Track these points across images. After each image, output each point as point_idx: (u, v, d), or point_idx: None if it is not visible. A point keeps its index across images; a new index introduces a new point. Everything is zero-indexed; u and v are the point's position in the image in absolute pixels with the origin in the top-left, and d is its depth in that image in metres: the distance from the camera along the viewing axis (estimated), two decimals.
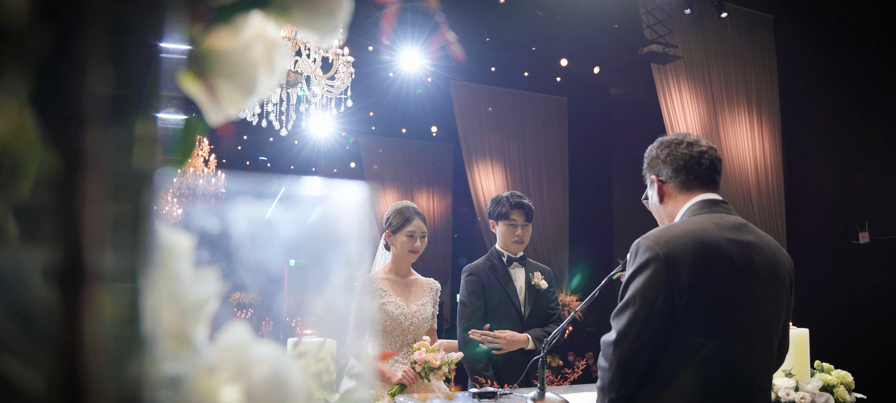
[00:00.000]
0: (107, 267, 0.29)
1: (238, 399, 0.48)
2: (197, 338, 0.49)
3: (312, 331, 0.51)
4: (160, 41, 0.33)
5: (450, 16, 7.38)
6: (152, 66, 0.32)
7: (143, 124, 0.32)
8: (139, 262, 0.32)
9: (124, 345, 0.31)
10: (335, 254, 0.46)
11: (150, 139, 0.33)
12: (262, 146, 12.37)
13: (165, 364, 0.47)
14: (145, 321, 0.33)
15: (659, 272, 1.89)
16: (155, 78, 0.33)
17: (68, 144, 0.27)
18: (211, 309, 0.51)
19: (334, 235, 0.45)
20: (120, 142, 0.30)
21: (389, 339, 3.27)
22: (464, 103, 9.11)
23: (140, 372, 0.32)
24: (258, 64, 0.56)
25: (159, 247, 0.48)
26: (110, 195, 0.29)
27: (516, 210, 3.62)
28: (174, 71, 0.39)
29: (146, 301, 0.34)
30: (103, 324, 0.29)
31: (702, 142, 2.19)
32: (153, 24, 0.32)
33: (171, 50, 0.35)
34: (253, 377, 0.48)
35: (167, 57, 0.34)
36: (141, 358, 0.32)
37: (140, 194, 0.33)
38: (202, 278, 0.50)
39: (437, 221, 11.80)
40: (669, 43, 6.68)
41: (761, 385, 2.01)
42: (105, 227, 0.29)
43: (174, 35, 0.35)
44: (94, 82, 0.28)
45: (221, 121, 0.57)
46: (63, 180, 0.27)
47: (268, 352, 0.50)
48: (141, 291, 0.33)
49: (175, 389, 0.47)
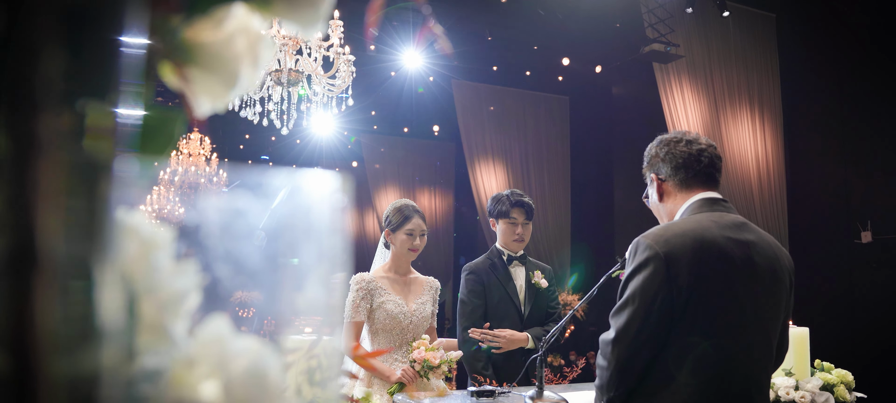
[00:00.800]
0: (59, 255, 0.29)
1: (216, 393, 0.47)
2: (175, 331, 0.48)
3: (310, 329, 0.50)
4: (120, 29, 0.33)
5: (451, 15, 7.38)
6: (110, 53, 0.32)
7: (100, 112, 0.32)
8: (94, 251, 0.32)
9: (76, 336, 0.30)
10: (307, 247, 0.46)
11: (108, 127, 0.33)
12: (264, 145, 12.38)
13: (143, 357, 0.46)
14: (101, 311, 0.33)
15: (658, 270, 1.88)
16: (113, 66, 0.32)
17: (20, 129, 0.27)
18: (191, 303, 0.51)
19: (306, 227, 0.45)
20: (74, 129, 0.30)
21: (389, 338, 3.26)
22: (466, 102, 9.11)
23: (94, 363, 0.32)
24: (241, 57, 0.56)
25: (137, 239, 0.47)
26: (63, 182, 0.29)
27: (517, 208, 3.61)
28: (138, 60, 0.38)
29: (102, 291, 0.33)
30: (53, 313, 0.28)
31: (701, 139, 2.18)
32: (111, 11, 0.31)
33: (134, 38, 0.35)
34: (232, 370, 0.48)
35: (129, 45, 0.34)
36: (95, 349, 0.32)
37: (96, 182, 0.32)
38: (181, 271, 0.49)
39: (439, 220, 11.80)
40: (671, 42, 6.67)
41: (760, 384, 2.00)
42: (57, 215, 0.29)
43: (137, 23, 0.34)
44: (47, 67, 0.27)
45: (205, 113, 0.57)
46: (13, 165, 0.27)
47: (247, 346, 0.49)
48: (95, 280, 0.32)
49: (153, 382, 0.47)
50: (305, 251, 0.45)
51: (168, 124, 0.47)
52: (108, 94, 0.33)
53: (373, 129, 11.45)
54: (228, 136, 11.39)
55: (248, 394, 0.48)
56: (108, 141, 0.33)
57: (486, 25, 7.86)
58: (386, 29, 7.39)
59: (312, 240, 0.45)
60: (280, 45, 5.05)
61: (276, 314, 0.48)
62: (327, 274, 0.46)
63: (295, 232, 0.45)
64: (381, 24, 7.07)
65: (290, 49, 5.07)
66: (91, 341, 0.32)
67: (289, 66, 5.10)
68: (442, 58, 8.04)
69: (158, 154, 0.47)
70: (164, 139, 0.48)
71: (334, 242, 0.45)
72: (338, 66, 5.22)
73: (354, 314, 3.22)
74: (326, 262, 0.46)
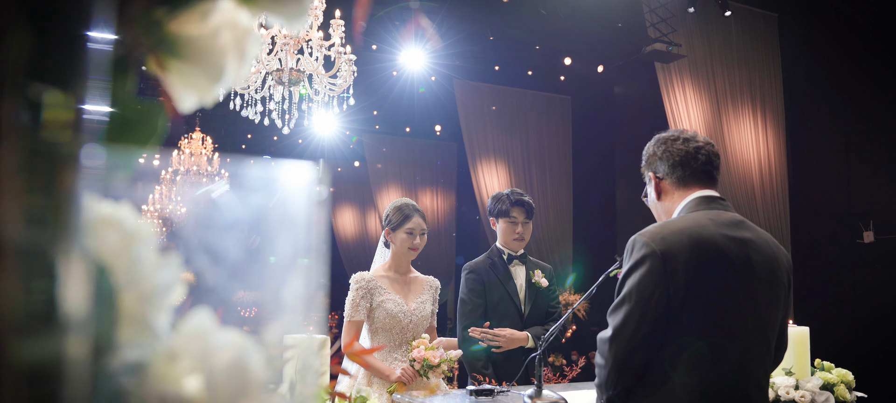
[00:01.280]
0: (19, 243, 0.28)
1: (198, 387, 0.47)
2: (158, 324, 0.48)
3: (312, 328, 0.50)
4: (86, 19, 0.32)
5: (453, 15, 7.38)
6: (75, 43, 0.32)
7: (62, 102, 0.32)
8: (56, 240, 0.32)
9: (36, 324, 0.30)
10: (284, 238, 0.45)
11: (70, 117, 0.32)
12: (267, 144, 12.37)
13: (125, 350, 0.46)
14: (64, 301, 0.33)
15: (655, 268, 1.88)
16: (78, 55, 0.32)
17: None
18: (175, 296, 0.51)
19: (283, 219, 0.45)
20: (35, 118, 0.29)
21: (388, 337, 3.26)
22: (467, 102, 9.11)
23: (55, 352, 0.31)
24: (226, 51, 0.56)
25: (119, 232, 0.47)
26: (24, 170, 0.29)
27: (517, 207, 3.61)
28: (106, 51, 0.38)
29: (67, 280, 0.33)
30: (12, 301, 0.28)
31: (699, 137, 2.17)
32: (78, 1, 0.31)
33: (104, 29, 0.34)
34: (214, 364, 0.48)
35: (98, 36, 0.34)
36: (56, 338, 0.31)
37: (59, 172, 0.32)
38: (164, 264, 0.49)
39: (441, 220, 11.79)
40: (673, 41, 6.66)
41: (759, 383, 2.00)
42: (17, 203, 0.28)
43: (107, 14, 0.34)
44: (9, 54, 0.27)
45: (190, 107, 0.57)
46: None
47: (230, 339, 0.49)
48: (58, 270, 0.32)
49: (135, 375, 0.47)
50: (283, 243, 0.45)
51: (151, 116, 0.47)
52: (73, 84, 0.32)
53: (375, 129, 11.45)
54: (230, 136, 11.39)
55: (230, 388, 0.48)
56: (71, 130, 0.33)
57: (488, 25, 7.86)
58: (388, 28, 7.39)
59: (289, 232, 0.45)
60: (281, 45, 5.05)
61: (256, 307, 0.48)
62: (305, 266, 0.46)
63: (273, 225, 0.45)
64: (381, 23, 7.07)
65: (291, 48, 5.08)
66: (52, 329, 0.31)
67: (290, 65, 5.10)
68: (444, 57, 8.04)
69: (141, 146, 0.47)
70: (148, 131, 0.47)
71: (312, 234, 0.45)
72: (339, 65, 5.23)
73: (354, 313, 3.23)
74: (304, 254, 0.46)
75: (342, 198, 13.27)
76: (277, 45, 5.06)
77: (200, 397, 0.47)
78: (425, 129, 11.20)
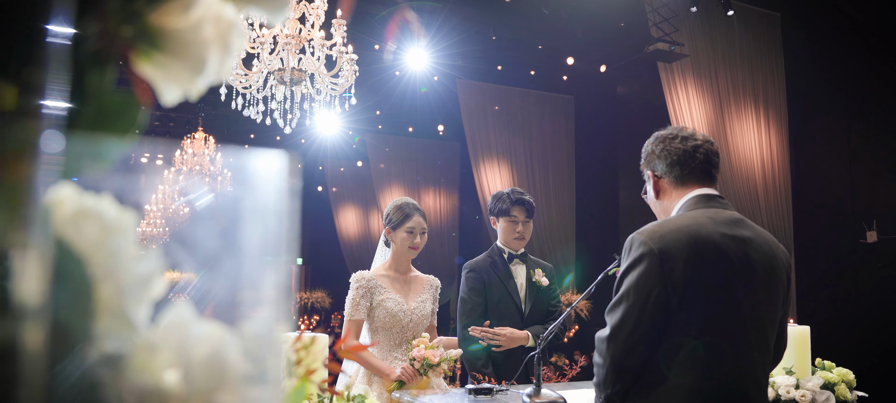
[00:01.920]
0: None
1: (176, 379, 0.47)
2: (136, 317, 0.48)
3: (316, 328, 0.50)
4: (43, 8, 0.32)
5: (456, 15, 7.38)
6: (29, 32, 0.32)
7: (12, 90, 0.31)
8: (10, 229, 0.32)
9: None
10: (251, 230, 0.45)
11: (24, 107, 0.32)
12: (270, 144, 12.39)
13: (102, 342, 0.46)
14: (18, 290, 0.32)
15: (653, 267, 1.88)
16: (33, 44, 0.32)
17: None
18: (156, 289, 0.51)
19: (252, 208, 0.45)
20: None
21: (388, 336, 3.26)
22: (470, 102, 9.11)
23: (7, 341, 0.31)
24: (209, 43, 0.56)
25: (97, 223, 0.47)
26: None
27: (517, 206, 3.60)
28: (65, 43, 0.38)
29: (22, 270, 0.33)
30: None
31: (698, 135, 2.17)
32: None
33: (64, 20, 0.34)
34: (192, 356, 0.48)
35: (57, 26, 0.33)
36: (9, 327, 0.31)
37: (13, 161, 0.32)
38: (143, 256, 0.49)
39: (444, 220, 11.80)
40: (676, 41, 6.66)
41: (758, 382, 1.99)
42: None
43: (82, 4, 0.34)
44: None
45: (172, 100, 0.56)
46: None
47: (209, 332, 0.49)
48: (10, 259, 0.32)
49: (112, 367, 0.47)
50: (251, 233, 0.45)
51: (128, 108, 0.47)
52: (26, 75, 0.32)
53: (377, 129, 11.47)
54: (234, 136, 11.41)
55: (208, 380, 0.48)
56: (26, 120, 0.32)
57: (491, 25, 7.87)
58: (390, 28, 7.39)
59: (259, 222, 0.45)
60: (283, 44, 5.06)
61: (221, 298, 0.48)
62: (273, 257, 0.46)
63: (241, 214, 0.45)
64: (383, 23, 7.07)
65: (293, 48, 5.08)
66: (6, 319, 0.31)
67: (292, 64, 5.11)
68: (446, 57, 8.04)
69: (119, 138, 0.47)
70: (125, 123, 0.47)
71: (282, 224, 0.45)
72: (340, 64, 5.23)
73: (354, 312, 3.23)
74: (273, 245, 0.45)
75: (345, 198, 13.29)
76: (279, 44, 5.07)
77: (177, 389, 0.47)
78: (428, 129, 11.21)
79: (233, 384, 0.48)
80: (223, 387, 0.47)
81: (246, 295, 0.47)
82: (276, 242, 0.44)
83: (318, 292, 12.76)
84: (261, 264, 0.45)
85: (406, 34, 7.01)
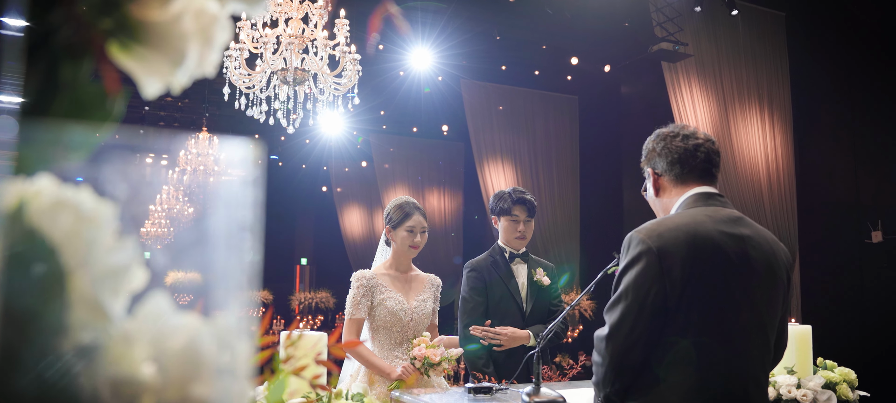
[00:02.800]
0: None
1: (151, 370, 0.47)
2: (112, 308, 0.48)
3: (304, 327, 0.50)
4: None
5: (460, 15, 7.38)
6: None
7: None
8: None
9: None
10: (218, 217, 0.45)
11: None
12: (274, 145, 12.42)
13: (76, 333, 0.46)
14: None
15: (651, 265, 1.87)
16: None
17: None
18: (133, 280, 0.51)
19: (217, 196, 0.45)
20: None
21: (389, 335, 3.26)
22: (474, 102, 9.11)
23: None
24: (189, 36, 0.56)
25: (72, 213, 0.47)
26: None
27: (518, 205, 3.60)
28: (18, 34, 0.38)
29: None
30: None
31: (699, 134, 2.16)
32: None
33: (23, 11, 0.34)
34: (167, 348, 0.48)
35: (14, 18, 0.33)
36: None
37: None
38: (120, 247, 0.49)
39: (448, 220, 11.79)
40: (680, 41, 6.64)
41: (757, 381, 1.98)
42: None
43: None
44: None
45: (154, 93, 0.56)
46: None
47: (185, 323, 0.49)
48: None
49: (87, 358, 0.47)
50: (217, 221, 0.45)
51: (102, 99, 0.47)
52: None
53: (382, 129, 11.47)
54: (237, 136, 11.42)
55: (183, 372, 0.48)
56: None
57: (495, 25, 7.86)
58: (394, 28, 7.39)
59: (224, 211, 0.45)
60: (286, 44, 5.06)
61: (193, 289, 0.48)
62: (237, 246, 0.46)
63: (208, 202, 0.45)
64: (387, 23, 7.07)
65: (296, 48, 5.09)
66: None
67: (295, 64, 5.11)
68: (451, 57, 8.04)
69: (95, 127, 0.47)
70: (101, 114, 0.47)
71: (247, 213, 0.45)
72: (344, 64, 5.23)
73: (355, 311, 3.23)
74: (238, 233, 0.45)
75: (349, 198, 13.30)
76: (282, 44, 5.08)
77: (152, 380, 0.47)
78: (432, 129, 11.21)
79: (208, 375, 0.48)
80: (198, 378, 0.47)
81: (213, 285, 0.47)
82: (239, 231, 0.44)
83: (322, 292, 12.78)
84: (225, 253, 0.45)
85: (390, 28, 6.98)
